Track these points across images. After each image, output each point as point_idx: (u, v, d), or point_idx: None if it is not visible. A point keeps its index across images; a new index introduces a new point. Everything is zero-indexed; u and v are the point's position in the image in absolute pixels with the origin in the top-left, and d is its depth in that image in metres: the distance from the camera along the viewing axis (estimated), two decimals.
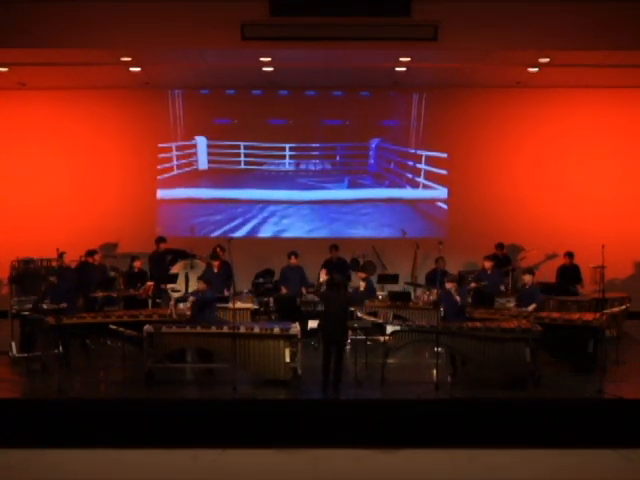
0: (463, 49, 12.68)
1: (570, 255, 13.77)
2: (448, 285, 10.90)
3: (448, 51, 12.77)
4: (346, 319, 10.26)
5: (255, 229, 15.74)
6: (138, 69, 13.96)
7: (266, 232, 15.76)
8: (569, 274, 13.68)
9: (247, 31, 12.27)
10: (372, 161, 15.76)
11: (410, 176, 15.73)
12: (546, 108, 15.51)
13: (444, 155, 15.68)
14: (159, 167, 15.76)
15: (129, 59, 13.30)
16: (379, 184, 15.76)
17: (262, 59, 13.32)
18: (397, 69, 14.02)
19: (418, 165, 15.69)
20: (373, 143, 15.73)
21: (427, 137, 15.70)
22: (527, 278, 11.66)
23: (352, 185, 15.78)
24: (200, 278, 13.20)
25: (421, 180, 15.71)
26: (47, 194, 15.57)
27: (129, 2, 12.31)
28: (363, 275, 12.73)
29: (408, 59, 13.34)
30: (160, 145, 15.76)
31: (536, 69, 13.86)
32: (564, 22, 12.37)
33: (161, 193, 15.78)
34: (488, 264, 12.95)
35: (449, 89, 15.31)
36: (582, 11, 12.35)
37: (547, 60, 13.25)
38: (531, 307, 11.40)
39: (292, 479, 8.46)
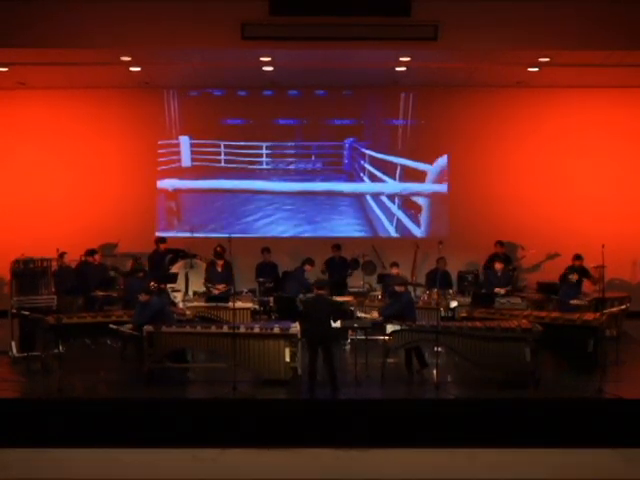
0: (463, 49, 12.67)
1: (579, 258, 13.39)
2: None
3: (448, 51, 12.76)
4: (329, 321, 10.12)
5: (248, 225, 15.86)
6: (138, 69, 13.96)
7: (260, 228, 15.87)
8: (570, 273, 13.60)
9: (247, 31, 12.27)
10: (346, 160, 15.85)
11: (396, 173, 15.81)
12: (546, 108, 15.50)
13: (444, 157, 15.73)
14: (160, 160, 15.80)
15: (129, 59, 13.30)
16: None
17: (262, 59, 13.32)
18: (397, 69, 14.02)
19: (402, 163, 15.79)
20: (347, 142, 15.80)
21: (426, 137, 15.70)
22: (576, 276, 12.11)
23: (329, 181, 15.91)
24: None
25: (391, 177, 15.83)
26: (47, 194, 15.55)
27: (129, 2, 12.30)
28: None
29: (408, 59, 13.34)
30: (160, 142, 15.79)
31: (536, 69, 13.86)
32: (564, 22, 12.35)
33: (160, 186, 15.89)
34: (499, 266, 12.95)
35: (449, 89, 15.31)
36: (582, 11, 12.34)
37: (547, 60, 13.24)
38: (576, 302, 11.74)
39: (292, 479, 8.47)
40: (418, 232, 15.71)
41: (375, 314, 11.06)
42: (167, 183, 15.84)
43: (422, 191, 15.79)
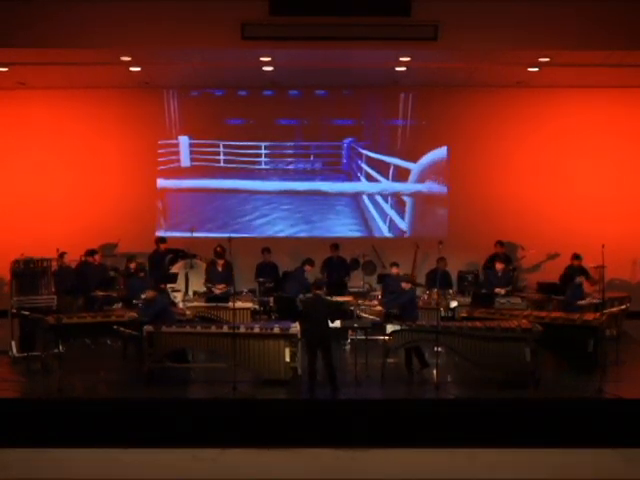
0: (463, 49, 12.67)
1: (578, 258, 13.37)
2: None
3: (448, 51, 12.76)
4: (327, 321, 10.12)
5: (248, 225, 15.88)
6: (138, 69, 13.96)
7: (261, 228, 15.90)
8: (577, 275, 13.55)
9: (247, 31, 12.27)
10: (345, 160, 15.86)
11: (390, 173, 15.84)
12: (546, 108, 15.50)
13: (443, 155, 15.73)
14: (160, 160, 15.81)
15: (129, 59, 13.30)
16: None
17: (262, 59, 13.32)
18: (397, 69, 14.02)
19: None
20: (345, 142, 15.80)
21: (426, 137, 15.69)
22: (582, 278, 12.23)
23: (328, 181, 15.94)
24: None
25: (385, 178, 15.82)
26: (47, 194, 15.55)
27: (129, 2, 12.30)
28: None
29: (408, 59, 13.33)
30: (160, 142, 15.80)
31: (536, 69, 13.85)
32: (564, 22, 12.35)
33: (161, 185, 15.91)
34: (500, 266, 12.95)
35: (449, 89, 15.30)
36: (582, 11, 12.34)
37: (547, 60, 13.24)
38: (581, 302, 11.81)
39: (292, 479, 8.46)
40: (410, 232, 15.73)
41: (377, 307, 11.01)
42: (160, 183, 15.85)
43: (419, 191, 15.79)
